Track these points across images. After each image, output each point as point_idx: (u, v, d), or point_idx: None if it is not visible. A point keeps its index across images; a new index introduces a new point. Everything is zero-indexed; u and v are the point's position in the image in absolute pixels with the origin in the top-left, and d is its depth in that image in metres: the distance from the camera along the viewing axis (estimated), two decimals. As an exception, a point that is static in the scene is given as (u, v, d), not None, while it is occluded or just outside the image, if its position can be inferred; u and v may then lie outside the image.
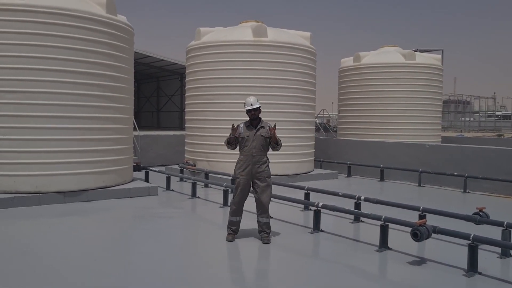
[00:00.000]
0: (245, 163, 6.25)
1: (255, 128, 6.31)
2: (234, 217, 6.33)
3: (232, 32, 12.63)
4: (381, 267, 5.64)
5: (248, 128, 6.34)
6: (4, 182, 8.30)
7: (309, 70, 12.92)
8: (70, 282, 4.69)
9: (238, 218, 6.35)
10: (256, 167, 6.25)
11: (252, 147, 6.23)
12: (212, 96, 12.30)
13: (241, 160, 6.30)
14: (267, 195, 6.31)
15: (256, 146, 6.24)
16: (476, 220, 6.40)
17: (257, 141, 6.23)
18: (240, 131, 6.34)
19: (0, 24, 8.28)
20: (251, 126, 6.34)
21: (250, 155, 6.23)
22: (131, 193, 9.44)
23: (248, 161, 6.24)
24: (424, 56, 18.40)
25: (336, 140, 16.35)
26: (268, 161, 6.40)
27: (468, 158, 11.55)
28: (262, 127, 6.33)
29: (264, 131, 6.30)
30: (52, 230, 6.81)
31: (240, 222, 6.39)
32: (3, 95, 8.29)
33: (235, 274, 5.19)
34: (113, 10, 9.47)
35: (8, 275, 4.87)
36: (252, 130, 6.29)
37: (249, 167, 6.23)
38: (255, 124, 6.34)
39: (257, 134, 6.26)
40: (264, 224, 6.30)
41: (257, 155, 6.24)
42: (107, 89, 9.26)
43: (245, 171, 6.24)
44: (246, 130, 6.32)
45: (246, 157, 6.25)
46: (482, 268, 5.14)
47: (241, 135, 6.31)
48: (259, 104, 6.33)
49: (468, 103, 62.77)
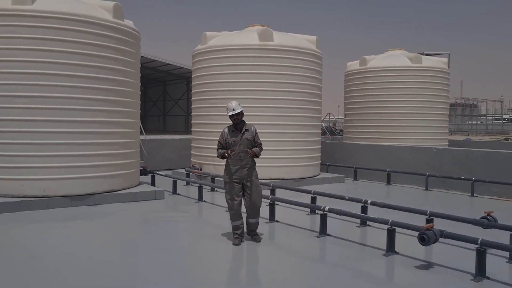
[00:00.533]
0: (233, 167, 6.33)
1: (240, 132, 6.39)
2: (235, 222, 6.39)
3: (238, 36, 12.67)
4: (388, 271, 5.62)
5: (233, 132, 6.41)
6: (12, 186, 8.36)
7: (315, 74, 12.92)
8: (76, 286, 4.71)
9: (240, 222, 6.39)
10: (245, 170, 6.33)
11: (239, 151, 6.31)
12: (218, 100, 12.32)
13: (230, 165, 6.37)
14: (258, 197, 6.43)
15: (243, 149, 6.32)
16: (484, 224, 6.35)
17: (244, 145, 6.33)
18: (226, 136, 6.41)
19: (9, 29, 8.38)
20: (236, 130, 6.41)
21: (238, 159, 6.31)
22: (138, 197, 9.47)
23: (236, 165, 6.32)
24: (430, 59, 18.33)
25: (342, 144, 16.31)
26: (255, 163, 6.50)
27: (475, 161, 11.48)
28: (247, 130, 6.42)
29: (249, 134, 6.39)
30: (59, 234, 6.85)
31: (243, 225, 6.43)
32: (12, 99, 8.37)
33: (241, 277, 5.18)
34: (120, 15, 9.54)
35: (15, 279, 4.90)
36: (237, 135, 6.37)
37: (239, 171, 6.32)
38: (239, 128, 6.42)
39: (243, 138, 6.35)
40: (254, 224, 6.47)
41: (244, 158, 6.32)
42: (114, 93, 9.32)
43: (234, 175, 6.33)
44: (231, 135, 6.40)
45: (234, 161, 6.32)
46: (490, 272, 5.10)
47: (227, 140, 6.39)
48: (241, 108, 6.41)
49: (475, 106, 62.41)
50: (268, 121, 11.95)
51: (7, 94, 8.36)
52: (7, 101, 8.37)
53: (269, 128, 11.98)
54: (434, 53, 25.31)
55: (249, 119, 11.81)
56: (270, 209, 7.76)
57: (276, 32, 12.53)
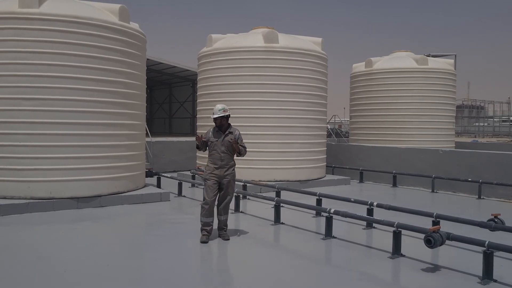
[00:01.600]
0: (214, 165, 6.60)
1: (224, 133, 6.66)
2: (207, 218, 6.57)
3: (244, 38, 12.69)
4: (394, 274, 5.59)
5: (217, 133, 6.70)
6: (19, 188, 8.41)
7: (320, 75, 12.91)
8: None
9: (211, 219, 6.59)
10: (224, 170, 6.60)
11: (220, 151, 6.59)
12: (224, 102, 12.32)
13: (210, 163, 6.65)
14: (230, 195, 6.74)
15: (224, 150, 6.60)
16: (491, 226, 6.31)
17: (225, 146, 6.60)
18: (209, 136, 6.71)
19: (16, 32, 8.45)
20: (219, 131, 6.70)
21: (218, 159, 6.59)
22: (143, 199, 9.50)
23: (216, 164, 6.59)
24: (436, 61, 18.27)
25: (348, 146, 16.27)
26: (235, 165, 6.77)
27: (482, 163, 11.41)
28: (230, 132, 6.69)
29: (231, 137, 6.64)
30: (65, 236, 6.88)
31: (213, 223, 6.62)
32: (19, 102, 8.43)
33: (247, 280, 5.17)
34: (126, 17, 9.59)
35: (22, 280, 4.92)
36: (220, 136, 6.65)
37: (217, 170, 6.57)
38: (223, 130, 6.70)
39: (225, 140, 6.61)
40: (223, 221, 6.74)
41: (225, 159, 6.60)
42: (120, 95, 9.36)
43: (213, 173, 6.58)
44: (214, 135, 6.69)
45: (214, 161, 6.61)
46: (497, 275, 5.05)
47: (210, 139, 6.69)
48: (225, 112, 6.67)
49: (482, 108, 61.99)
50: (273, 123, 11.96)
51: (14, 97, 8.43)
52: (15, 104, 8.43)
53: (274, 130, 11.99)
54: (440, 54, 25.23)
55: (254, 121, 11.95)
56: (276, 211, 7.75)
57: (281, 34, 12.54)
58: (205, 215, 6.56)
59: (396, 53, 18.04)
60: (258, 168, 11.89)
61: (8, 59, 8.44)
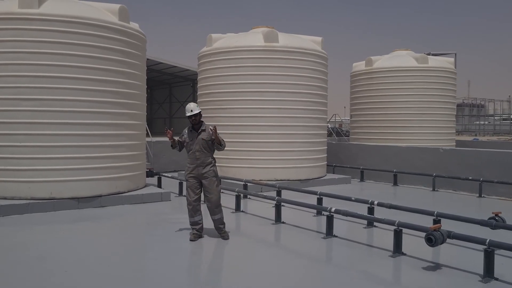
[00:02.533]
0: (191, 165, 6.63)
1: (197, 132, 6.67)
2: (193, 218, 6.64)
3: (243, 37, 12.69)
4: (395, 272, 5.58)
5: (191, 132, 6.72)
6: (20, 189, 8.41)
7: (320, 75, 12.90)
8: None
9: (198, 218, 6.64)
10: (201, 169, 6.59)
11: (195, 150, 6.61)
12: (224, 101, 12.35)
13: (188, 163, 6.69)
14: (215, 194, 6.64)
15: (199, 149, 6.60)
16: (492, 225, 6.30)
17: (199, 144, 6.60)
18: (185, 137, 6.73)
19: (16, 33, 8.45)
20: (193, 130, 6.71)
21: (194, 158, 6.61)
22: (144, 199, 9.49)
23: (193, 163, 6.61)
24: (437, 59, 18.25)
25: (348, 145, 16.27)
26: (214, 162, 6.74)
27: (483, 162, 11.40)
28: (203, 130, 6.68)
29: (205, 134, 6.65)
30: (66, 236, 6.88)
31: (201, 221, 6.68)
32: (19, 102, 8.43)
33: (247, 279, 5.16)
34: (126, 17, 9.59)
35: (22, 281, 4.91)
36: (194, 135, 6.67)
37: (196, 169, 6.60)
38: (196, 129, 6.70)
39: (199, 138, 6.62)
40: (217, 221, 6.68)
41: (200, 157, 6.60)
42: (120, 95, 9.36)
43: (192, 173, 6.62)
44: (189, 135, 6.71)
45: (192, 160, 6.64)
46: (499, 274, 5.05)
47: (186, 140, 6.72)
48: (199, 109, 6.69)
49: (483, 107, 61.95)
50: (274, 122, 11.95)
51: (14, 97, 8.43)
52: (15, 104, 8.43)
53: (274, 129, 11.98)
54: (440, 53, 25.22)
55: (255, 121, 11.95)
56: (276, 210, 7.75)
57: (281, 34, 12.53)
58: (191, 215, 6.66)
59: (396, 52, 18.03)
60: (258, 167, 11.89)
61: (7, 59, 8.44)
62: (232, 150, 11.98)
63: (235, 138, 12.03)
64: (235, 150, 11.97)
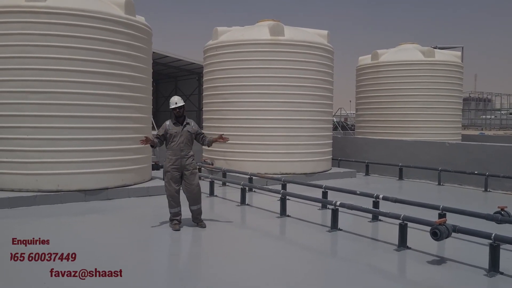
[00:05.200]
0: (174, 157, 6.75)
1: (182, 124, 6.80)
2: (173, 209, 6.81)
3: (249, 31, 12.66)
4: (400, 266, 5.60)
5: (175, 125, 6.83)
6: (27, 181, 8.48)
7: (326, 68, 12.87)
8: (90, 280, 4.77)
9: (178, 209, 6.82)
10: (184, 160, 6.76)
11: (180, 142, 6.76)
12: (230, 95, 12.35)
13: (170, 155, 6.79)
14: (196, 185, 6.86)
15: (184, 141, 6.77)
16: (497, 219, 6.29)
17: (184, 136, 6.76)
18: (167, 128, 6.81)
19: (23, 26, 8.48)
20: (177, 123, 6.83)
21: (178, 149, 6.74)
22: (150, 192, 9.55)
23: (176, 155, 6.74)
24: (443, 53, 18.14)
25: (354, 139, 16.24)
26: (193, 155, 6.94)
27: (489, 156, 11.36)
28: (188, 123, 6.86)
29: (190, 127, 6.83)
30: (73, 228, 6.95)
31: (181, 212, 6.87)
32: (27, 95, 8.48)
33: (253, 271, 5.20)
34: (131, 11, 9.59)
35: (29, 272, 4.96)
36: (178, 127, 6.79)
37: (178, 160, 6.74)
38: (181, 121, 6.84)
39: (184, 130, 6.78)
40: (196, 211, 6.90)
41: (184, 149, 6.77)
42: (126, 89, 9.39)
43: (174, 165, 6.73)
44: (173, 127, 6.80)
45: (175, 152, 6.75)
46: (504, 268, 5.06)
47: (169, 131, 6.79)
48: (183, 102, 6.85)
49: (489, 101, 61.50)
50: (279, 115, 11.95)
51: (21, 90, 8.48)
52: (22, 97, 8.48)
53: (280, 123, 11.99)
54: (447, 46, 25.04)
55: (260, 114, 11.95)
56: (282, 204, 7.78)
57: (287, 27, 12.49)
58: (172, 206, 6.82)
59: (403, 46, 17.91)
60: (264, 161, 11.91)
61: (14, 52, 8.47)
62: (237, 143, 12.02)
63: (241, 132, 12.05)
64: (241, 143, 11.99)
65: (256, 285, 4.76)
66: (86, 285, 4.60)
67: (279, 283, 4.85)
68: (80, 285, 4.59)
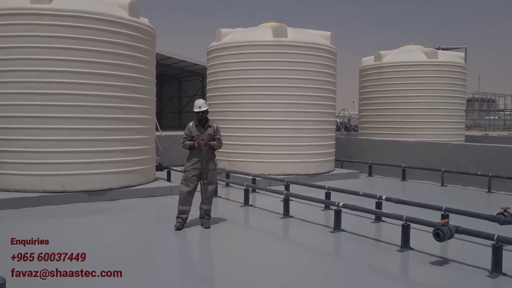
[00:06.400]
0: (195, 158, 6.87)
1: (203, 127, 6.97)
2: (183, 206, 6.86)
3: (253, 32, 12.70)
4: (403, 267, 5.62)
5: (197, 127, 7.00)
6: (32, 182, 8.54)
7: (329, 69, 12.89)
8: (94, 281, 4.81)
9: (187, 208, 6.88)
10: (205, 162, 6.90)
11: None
12: (233, 96, 12.39)
13: (192, 156, 6.91)
14: (213, 185, 7.11)
15: None
16: (500, 220, 6.31)
17: (206, 139, 6.86)
18: (191, 130, 6.99)
19: (28, 28, 8.54)
20: (199, 125, 6.99)
21: (200, 152, 6.85)
22: (154, 193, 9.60)
23: (198, 156, 6.87)
24: (446, 54, 18.14)
25: (357, 140, 16.25)
26: (215, 156, 7.10)
27: (492, 157, 11.35)
28: (210, 126, 7.01)
29: (211, 130, 6.98)
30: (77, 229, 7.00)
31: (189, 212, 6.92)
32: (32, 97, 8.55)
33: (256, 271, 5.23)
34: (135, 12, 9.64)
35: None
36: (200, 129, 6.96)
37: (199, 162, 6.86)
38: (203, 124, 7.00)
39: (205, 133, 6.93)
40: (206, 211, 7.02)
41: (205, 151, 6.88)
42: (130, 90, 9.44)
43: (194, 165, 6.87)
44: (195, 129, 6.99)
45: (196, 154, 6.88)
46: (507, 269, 5.06)
47: (192, 133, 6.95)
48: (207, 106, 7.04)
49: (493, 101, 61.26)
50: (283, 117, 11.98)
51: (27, 92, 8.54)
52: (27, 98, 8.54)
53: (283, 124, 12.02)
54: (450, 47, 25.01)
55: (263, 115, 11.99)
56: (285, 205, 7.80)
57: (290, 28, 12.53)
58: (182, 203, 6.87)
59: (406, 47, 17.92)
60: (267, 162, 11.94)
61: (20, 54, 8.54)
62: (241, 144, 12.07)
63: (244, 133, 12.09)
64: (244, 144, 12.04)
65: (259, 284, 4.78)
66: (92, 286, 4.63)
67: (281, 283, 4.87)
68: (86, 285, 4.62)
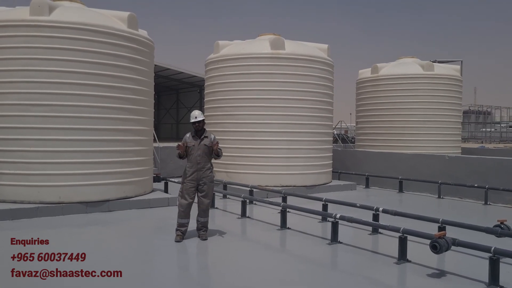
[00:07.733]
0: (191, 169, 6.87)
1: (200, 138, 6.95)
2: (182, 219, 6.88)
3: (250, 45, 12.79)
4: (400, 279, 5.61)
5: (194, 138, 7.00)
6: (29, 193, 8.52)
7: (326, 82, 12.97)
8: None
9: (186, 221, 6.90)
10: (201, 173, 6.89)
11: (197, 155, 6.87)
12: (231, 108, 12.44)
13: (188, 167, 6.91)
14: (208, 198, 7.03)
15: (201, 154, 6.89)
16: (497, 232, 6.32)
17: (201, 150, 6.89)
18: (186, 141, 6.98)
19: (27, 40, 8.60)
20: (196, 136, 7.00)
21: (195, 162, 6.86)
22: (151, 204, 9.58)
23: (194, 167, 6.86)
24: (443, 67, 18.27)
25: (354, 152, 16.29)
26: (212, 167, 7.08)
27: (489, 169, 11.39)
28: (206, 137, 7.01)
29: (207, 141, 6.96)
30: (74, 240, 6.97)
31: (188, 224, 6.93)
32: (30, 108, 8.57)
33: (252, 283, 5.22)
34: (134, 25, 9.72)
35: (30, 284, 4.99)
36: (197, 140, 6.95)
37: (195, 173, 6.85)
38: (199, 135, 7.00)
39: (201, 144, 6.92)
40: (202, 223, 7.02)
41: (201, 162, 6.89)
42: (128, 101, 9.48)
43: (191, 177, 6.85)
44: (192, 140, 6.98)
45: (192, 164, 6.88)
46: (504, 281, 5.07)
47: (188, 144, 6.96)
48: (203, 117, 7.02)
49: (489, 114, 61.57)
50: (280, 128, 12.02)
51: (24, 103, 8.57)
52: (25, 109, 8.57)
53: (280, 136, 12.05)
54: (446, 60, 25.21)
55: (261, 127, 12.03)
56: (282, 216, 7.80)
57: (288, 41, 12.63)
58: (181, 216, 6.88)
59: (402, 59, 18.06)
60: (264, 173, 11.96)
61: (18, 65, 8.59)
62: (238, 156, 12.09)
63: (242, 144, 12.12)
64: (241, 156, 12.06)
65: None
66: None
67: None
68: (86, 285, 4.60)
